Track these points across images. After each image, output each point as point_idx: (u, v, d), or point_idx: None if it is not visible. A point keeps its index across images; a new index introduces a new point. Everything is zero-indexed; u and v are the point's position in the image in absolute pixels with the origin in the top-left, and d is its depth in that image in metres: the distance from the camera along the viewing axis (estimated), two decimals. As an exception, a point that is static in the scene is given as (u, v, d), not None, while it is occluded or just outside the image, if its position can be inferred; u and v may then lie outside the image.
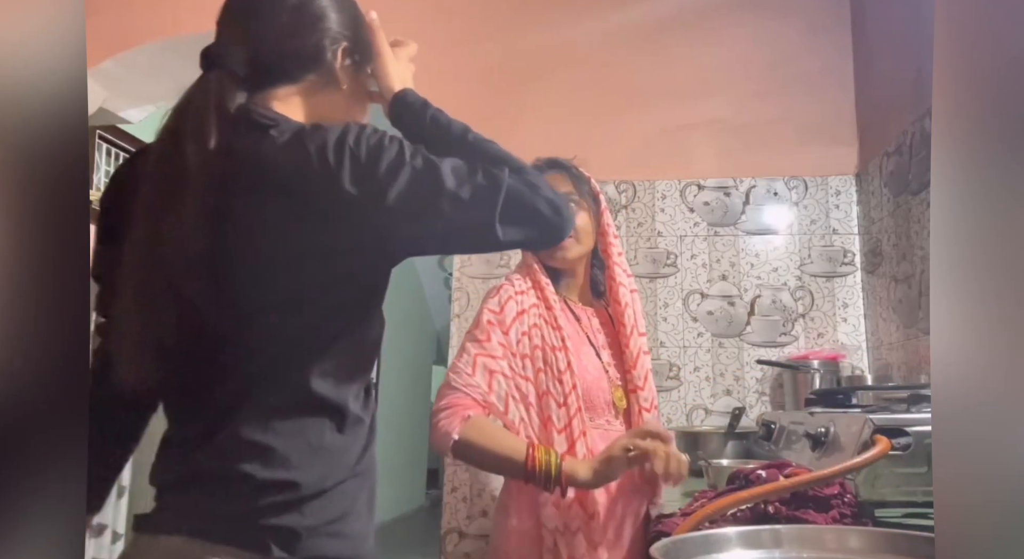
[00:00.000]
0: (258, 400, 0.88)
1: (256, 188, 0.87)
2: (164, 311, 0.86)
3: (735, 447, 1.97)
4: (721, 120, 2.54)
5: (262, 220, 0.87)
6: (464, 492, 2.36)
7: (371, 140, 0.87)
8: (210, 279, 0.87)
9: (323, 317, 0.91)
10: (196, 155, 0.86)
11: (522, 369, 1.47)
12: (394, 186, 0.85)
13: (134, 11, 2.76)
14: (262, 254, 0.87)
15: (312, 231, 0.86)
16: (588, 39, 2.63)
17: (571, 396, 1.44)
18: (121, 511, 3.18)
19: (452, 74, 2.65)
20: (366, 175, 0.85)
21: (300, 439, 0.87)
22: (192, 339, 0.88)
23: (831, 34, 2.53)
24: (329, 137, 0.87)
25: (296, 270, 0.87)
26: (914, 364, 2.01)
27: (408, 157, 0.87)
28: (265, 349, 0.89)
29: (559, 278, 1.60)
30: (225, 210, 0.86)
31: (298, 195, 0.86)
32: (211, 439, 0.87)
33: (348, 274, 0.90)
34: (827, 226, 2.45)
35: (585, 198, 1.59)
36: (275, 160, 0.87)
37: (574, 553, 1.39)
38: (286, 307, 0.89)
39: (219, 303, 0.88)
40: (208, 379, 0.89)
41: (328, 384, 0.90)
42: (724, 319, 2.43)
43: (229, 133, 0.88)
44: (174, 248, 0.85)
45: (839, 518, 1.09)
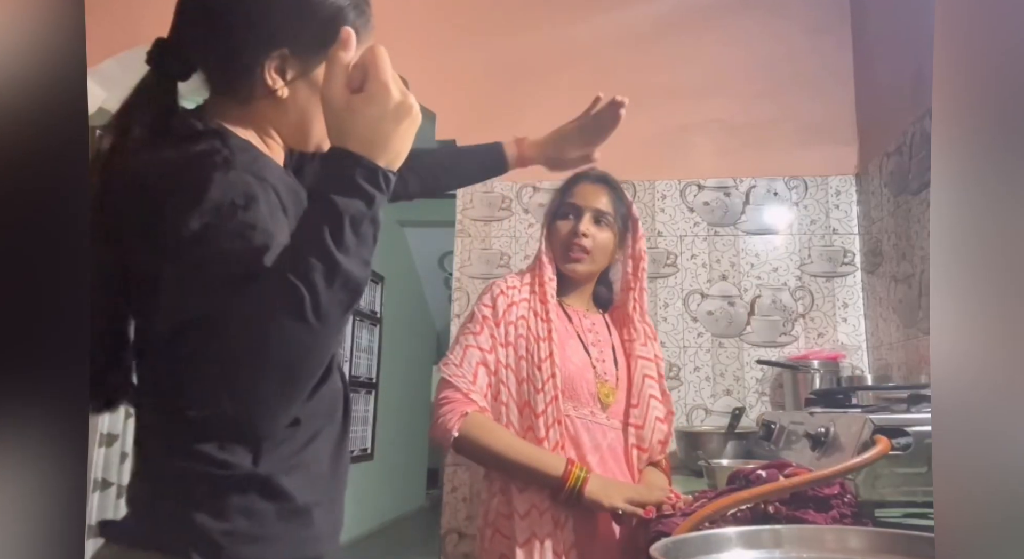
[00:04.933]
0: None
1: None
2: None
3: (735, 447, 1.97)
4: (721, 120, 2.54)
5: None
6: (464, 492, 2.36)
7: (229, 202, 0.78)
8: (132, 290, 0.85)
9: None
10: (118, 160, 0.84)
11: (506, 358, 1.52)
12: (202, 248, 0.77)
13: (134, 11, 2.76)
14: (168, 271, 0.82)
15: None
16: (588, 39, 2.63)
17: (549, 384, 1.47)
18: (126, 471, 3.21)
19: (452, 74, 2.65)
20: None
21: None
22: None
23: (831, 34, 2.54)
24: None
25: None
26: (914, 364, 2.01)
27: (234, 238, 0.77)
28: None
29: (566, 284, 1.64)
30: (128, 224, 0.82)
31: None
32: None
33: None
34: (827, 226, 2.45)
35: (617, 220, 1.61)
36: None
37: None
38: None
39: (145, 313, 0.86)
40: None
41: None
42: (724, 319, 2.43)
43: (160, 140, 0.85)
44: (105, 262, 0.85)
45: (839, 518, 1.09)
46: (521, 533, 1.43)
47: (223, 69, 0.92)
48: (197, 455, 0.81)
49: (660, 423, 1.58)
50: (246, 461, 0.82)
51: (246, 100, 0.92)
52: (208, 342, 0.75)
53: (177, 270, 0.78)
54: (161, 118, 0.88)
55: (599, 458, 1.51)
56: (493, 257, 2.53)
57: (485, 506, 1.54)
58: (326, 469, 0.91)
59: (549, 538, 1.42)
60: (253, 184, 0.80)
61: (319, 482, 0.90)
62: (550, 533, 1.42)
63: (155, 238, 0.79)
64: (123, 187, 0.82)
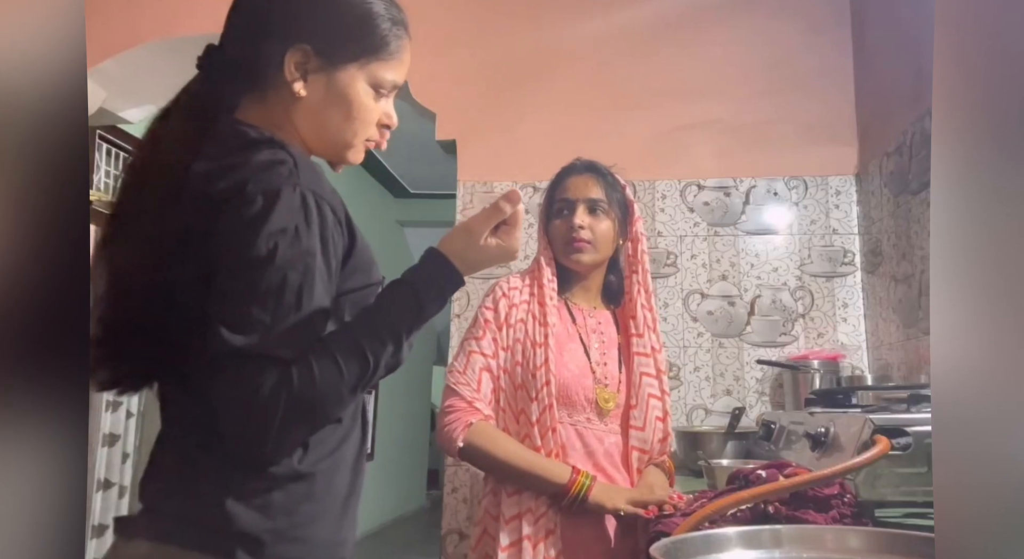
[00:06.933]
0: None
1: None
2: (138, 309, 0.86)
3: (735, 447, 1.97)
4: (721, 120, 2.54)
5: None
6: (464, 493, 2.36)
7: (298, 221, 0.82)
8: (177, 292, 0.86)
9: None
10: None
11: (504, 363, 1.52)
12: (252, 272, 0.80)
13: (134, 11, 2.76)
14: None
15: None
16: (588, 39, 2.63)
17: (543, 391, 1.47)
18: (128, 471, 3.21)
19: (453, 74, 2.65)
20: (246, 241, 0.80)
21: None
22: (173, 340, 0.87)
23: (831, 34, 2.53)
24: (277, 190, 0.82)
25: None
26: (914, 364, 2.01)
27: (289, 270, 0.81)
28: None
29: (571, 280, 1.62)
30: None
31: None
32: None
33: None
34: (827, 226, 2.45)
35: (613, 206, 1.59)
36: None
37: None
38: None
39: (160, 307, 0.86)
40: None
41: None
42: (724, 319, 2.43)
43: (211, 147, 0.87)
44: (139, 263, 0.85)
45: (839, 518, 1.09)
46: (506, 536, 1.43)
47: (249, 61, 0.93)
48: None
49: (659, 422, 1.57)
50: (293, 458, 0.84)
51: (264, 96, 0.93)
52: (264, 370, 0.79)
53: (240, 288, 0.80)
54: (211, 123, 0.89)
55: (593, 464, 1.50)
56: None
57: (479, 506, 1.54)
58: (350, 468, 0.92)
59: (534, 545, 1.41)
60: (315, 204, 0.84)
61: (344, 482, 0.91)
62: (537, 540, 1.42)
63: (222, 251, 0.81)
64: (187, 194, 0.84)
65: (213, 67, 0.93)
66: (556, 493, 1.43)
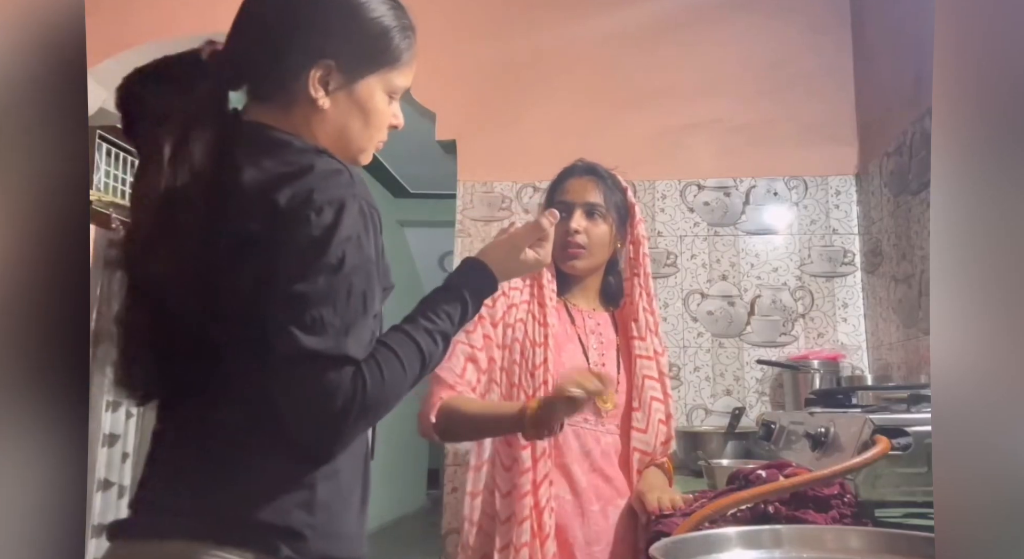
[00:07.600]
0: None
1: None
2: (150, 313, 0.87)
3: (735, 447, 1.97)
4: (721, 120, 2.54)
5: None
6: (464, 493, 2.36)
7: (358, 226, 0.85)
8: (197, 290, 0.87)
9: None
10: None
11: (500, 361, 1.50)
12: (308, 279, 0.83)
13: (134, 11, 2.76)
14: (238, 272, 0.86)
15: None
16: (588, 39, 2.63)
17: (540, 391, 1.45)
18: (127, 471, 3.21)
19: (454, 74, 2.65)
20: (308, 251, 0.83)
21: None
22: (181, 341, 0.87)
23: (831, 34, 2.53)
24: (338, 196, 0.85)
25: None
26: (914, 364, 2.01)
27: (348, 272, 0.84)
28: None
29: (570, 281, 1.61)
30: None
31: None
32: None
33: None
34: (827, 226, 2.45)
35: (611, 210, 1.58)
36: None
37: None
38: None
39: (206, 311, 0.87)
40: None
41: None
42: (724, 319, 2.43)
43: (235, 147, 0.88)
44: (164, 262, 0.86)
45: (839, 518, 1.09)
46: (501, 538, 1.42)
47: (269, 73, 0.95)
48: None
49: (662, 425, 1.57)
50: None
51: (282, 105, 0.95)
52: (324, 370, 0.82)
53: (314, 292, 0.82)
54: (226, 128, 0.91)
55: (588, 465, 1.49)
56: (493, 257, 2.53)
57: (469, 504, 1.52)
58: (362, 464, 0.94)
59: (526, 547, 1.40)
60: (370, 213, 0.88)
61: (359, 478, 0.93)
62: (528, 543, 1.40)
63: (291, 257, 0.83)
64: (242, 203, 0.85)
65: (223, 76, 0.94)
66: (516, 423, 1.33)
